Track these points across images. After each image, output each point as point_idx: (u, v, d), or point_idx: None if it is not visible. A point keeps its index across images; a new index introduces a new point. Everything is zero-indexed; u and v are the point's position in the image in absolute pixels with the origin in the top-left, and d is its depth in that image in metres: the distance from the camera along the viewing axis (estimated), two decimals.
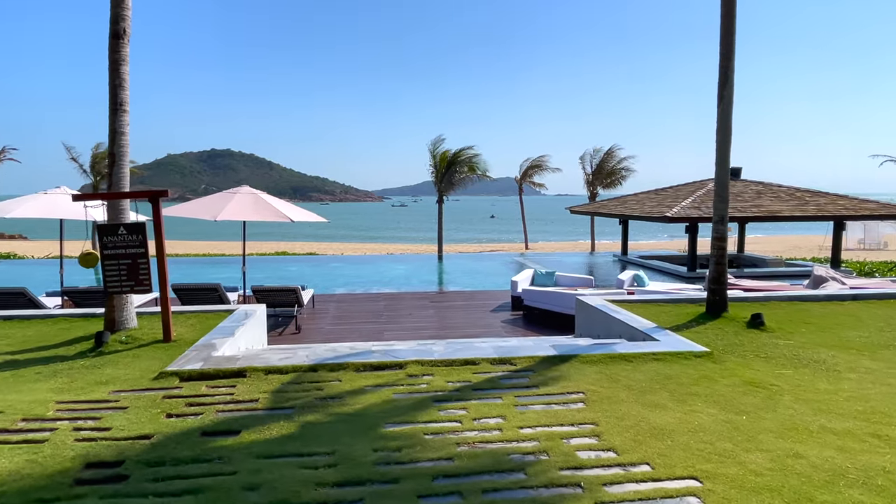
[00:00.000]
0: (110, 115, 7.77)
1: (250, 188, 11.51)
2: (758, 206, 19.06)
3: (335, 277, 19.80)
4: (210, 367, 6.22)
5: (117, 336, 7.56)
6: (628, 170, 38.45)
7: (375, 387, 5.75)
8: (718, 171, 8.92)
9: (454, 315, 12.82)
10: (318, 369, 6.22)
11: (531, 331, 11.33)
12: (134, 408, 5.28)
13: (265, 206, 10.85)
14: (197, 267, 23.11)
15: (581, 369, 6.20)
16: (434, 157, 30.55)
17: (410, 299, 14.89)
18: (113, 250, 7.45)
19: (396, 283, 18.29)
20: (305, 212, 11.80)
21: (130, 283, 7.52)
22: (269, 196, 11.45)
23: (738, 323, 8.43)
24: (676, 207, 18.45)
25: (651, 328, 7.90)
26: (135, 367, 6.56)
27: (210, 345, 7.15)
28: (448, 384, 5.79)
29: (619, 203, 23.68)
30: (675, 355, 6.68)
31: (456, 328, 11.54)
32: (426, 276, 20.82)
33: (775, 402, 5.33)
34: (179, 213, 11.05)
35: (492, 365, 6.38)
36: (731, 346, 7.28)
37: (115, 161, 7.75)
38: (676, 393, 5.53)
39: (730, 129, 8.79)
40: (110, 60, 7.78)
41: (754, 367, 6.38)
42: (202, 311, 9.33)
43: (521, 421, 4.84)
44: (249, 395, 5.55)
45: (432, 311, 13.26)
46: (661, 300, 10.04)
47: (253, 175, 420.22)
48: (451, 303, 14.38)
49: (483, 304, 14.01)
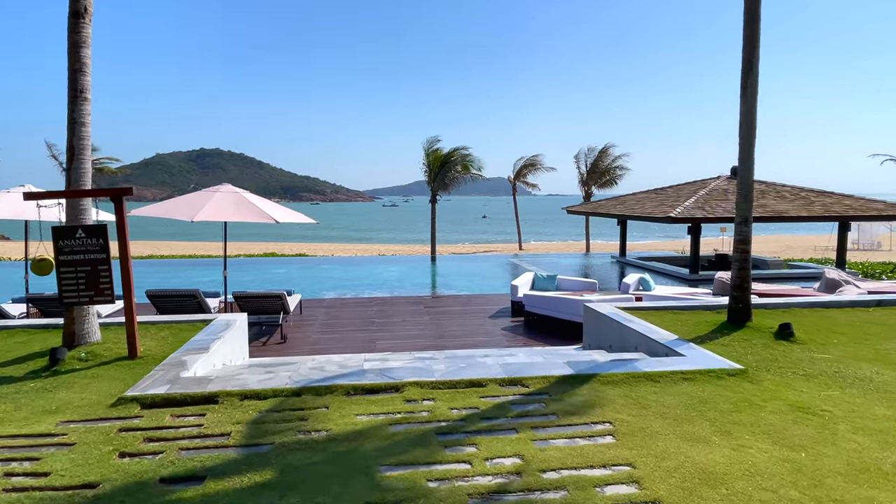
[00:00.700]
0: (69, 103, 6.91)
1: (232, 187, 10.66)
2: (763, 207, 18.42)
3: (324, 280, 18.97)
4: (177, 392, 5.40)
5: (76, 352, 6.71)
6: (623, 168, 37.93)
7: (369, 416, 4.95)
8: (742, 168, 8.21)
9: (451, 322, 12.04)
10: (301, 393, 5.41)
11: (534, 339, 10.57)
12: (82, 444, 4.45)
13: (248, 206, 10.02)
14: (179, 269, 22.16)
15: (603, 392, 5.44)
16: (428, 157, 29.78)
17: (404, 304, 14.10)
18: (70, 256, 6.59)
19: (389, 287, 17.49)
20: (291, 212, 10.98)
21: (90, 293, 6.66)
22: (252, 195, 10.62)
23: (765, 333, 7.71)
24: (679, 208, 17.78)
25: (672, 340, 7.16)
26: (92, 391, 5.72)
27: (180, 362, 6.32)
28: (452, 412, 5.01)
29: (618, 203, 23.00)
30: (706, 374, 5.93)
31: (454, 337, 10.76)
32: (419, 278, 20.02)
33: (832, 432, 4.59)
34: (154, 213, 10.19)
35: (501, 387, 5.59)
36: (763, 361, 6.54)
37: (75, 155, 6.90)
38: (718, 422, 4.78)
39: (754, 122, 8.08)
40: (69, 42, 6.93)
41: (797, 388, 5.65)
42: (177, 321, 8.48)
43: (542, 462, 4.06)
44: (220, 428, 4.74)
45: (427, 318, 12.46)
46: (675, 307, 9.31)
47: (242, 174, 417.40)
48: (446, 308, 13.60)
49: (481, 310, 13.24)
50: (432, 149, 29.60)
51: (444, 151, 29.49)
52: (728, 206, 18.25)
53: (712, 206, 18.15)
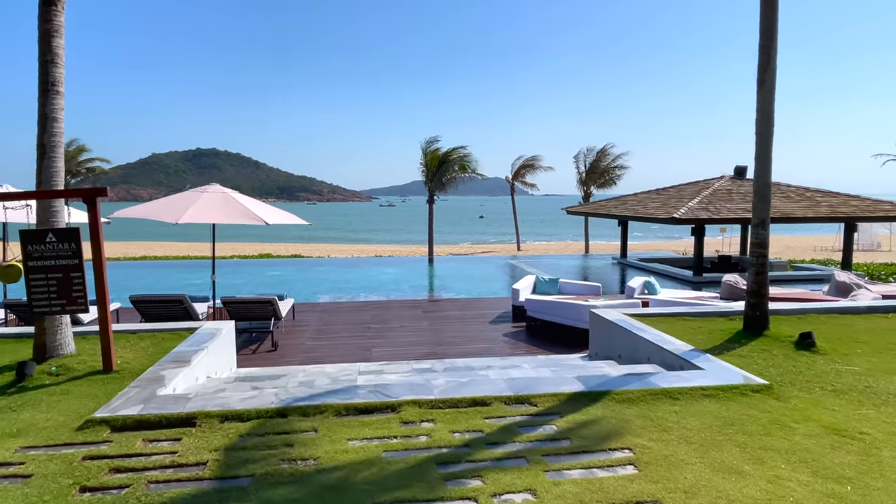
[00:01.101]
0: (40, 96, 6.41)
1: (220, 187, 10.16)
2: None
3: (319, 283, 18.48)
4: (151, 413, 4.91)
5: (46, 366, 6.22)
6: (622, 168, 37.52)
7: (361, 441, 4.48)
8: (759, 167, 7.75)
9: (450, 328, 11.56)
10: (288, 414, 4.93)
11: (537, 346, 10.10)
12: (40, 477, 3.97)
13: (236, 207, 9.53)
14: (172, 271, 21.64)
15: (619, 412, 4.97)
16: (426, 156, 29.29)
17: (401, 308, 13.61)
18: (40, 262, 6.10)
19: (385, 290, 17.01)
20: (282, 212, 10.48)
21: (61, 302, 6.17)
22: (241, 196, 10.13)
23: (784, 343, 7.25)
24: (684, 208, 17.34)
25: (687, 351, 6.70)
26: (59, 410, 5.23)
27: (158, 378, 5.83)
28: (454, 436, 4.53)
29: (619, 203, 22.55)
30: (729, 390, 5.47)
31: (453, 344, 10.28)
32: (417, 280, 19.55)
33: (877, 460, 4.13)
34: (138, 214, 9.70)
35: (507, 406, 5.12)
36: (787, 374, 6.09)
37: (46, 153, 6.40)
38: (748, 447, 4.31)
39: (772, 118, 7.63)
40: (41, 31, 6.43)
41: (828, 406, 5.19)
42: (159, 329, 7.99)
43: (557, 498, 3.59)
44: (196, 456, 4.25)
45: (426, 323, 11.98)
46: (686, 314, 8.86)
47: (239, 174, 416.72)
48: (445, 312, 13.12)
49: (481, 315, 12.76)
50: (430, 148, 29.12)
51: (442, 151, 29.01)
52: (733, 207, 17.83)
53: (717, 206, 17.72)
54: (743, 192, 19.29)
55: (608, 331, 8.32)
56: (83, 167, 31.79)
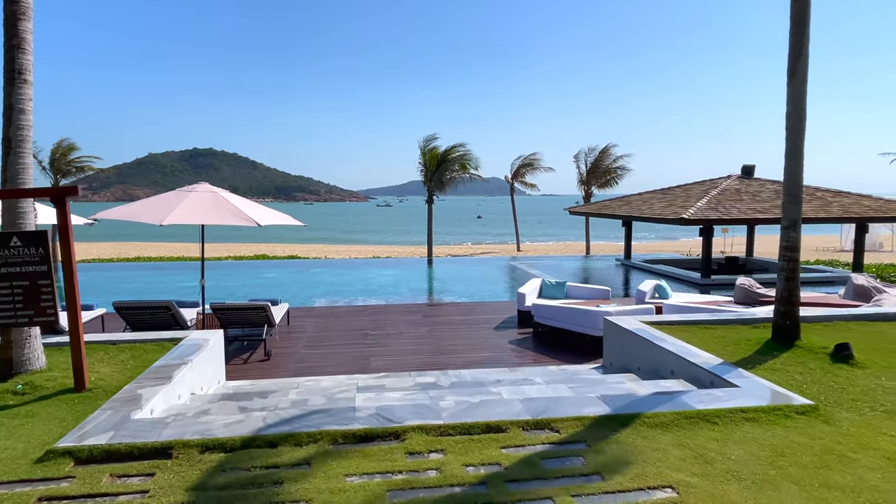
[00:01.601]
0: (5, 85, 5.81)
1: (209, 186, 9.56)
2: (779, 207, 17.44)
3: (316, 286, 17.88)
4: (122, 442, 4.32)
5: (12, 384, 5.62)
6: (624, 168, 36.95)
7: (361, 477, 3.89)
8: (790, 165, 7.21)
9: (453, 334, 10.98)
10: (278, 443, 4.34)
11: (546, 355, 9.53)
12: None
13: (226, 208, 8.93)
14: (164, 274, 21.01)
15: (653, 439, 4.40)
16: (424, 155, 28.71)
17: (400, 313, 13.03)
18: (4, 268, 5.50)
19: (383, 293, 16.42)
20: (275, 213, 9.88)
21: (28, 313, 5.57)
22: (231, 195, 9.53)
23: (819, 355, 6.69)
24: (692, 209, 16.79)
25: (716, 365, 6.13)
26: (21, 436, 4.64)
27: (134, 397, 5.24)
28: (468, 471, 3.95)
29: (624, 203, 21.99)
30: (771, 412, 4.90)
31: (457, 352, 9.71)
32: (416, 283, 18.96)
33: None
34: (120, 215, 9.08)
35: (525, 432, 4.54)
36: (830, 392, 5.52)
37: (12, 147, 5.80)
38: (807, 485, 3.75)
39: (804, 112, 7.07)
40: (6, 13, 5.83)
41: (885, 431, 4.62)
42: (141, 340, 7.39)
43: None
44: (169, 496, 3.67)
45: (426, 329, 11.40)
46: (706, 321, 8.30)
47: (235, 174, 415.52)
48: (447, 317, 12.54)
49: (484, 320, 12.19)
50: (429, 147, 28.54)
51: (441, 150, 28.42)
52: (743, 207, 17.29)
53: (726, 207, 17.18)
54: (752, 192, 18.76)
55: (625, 340, 7.76)
56: (73, 165, 31.11)
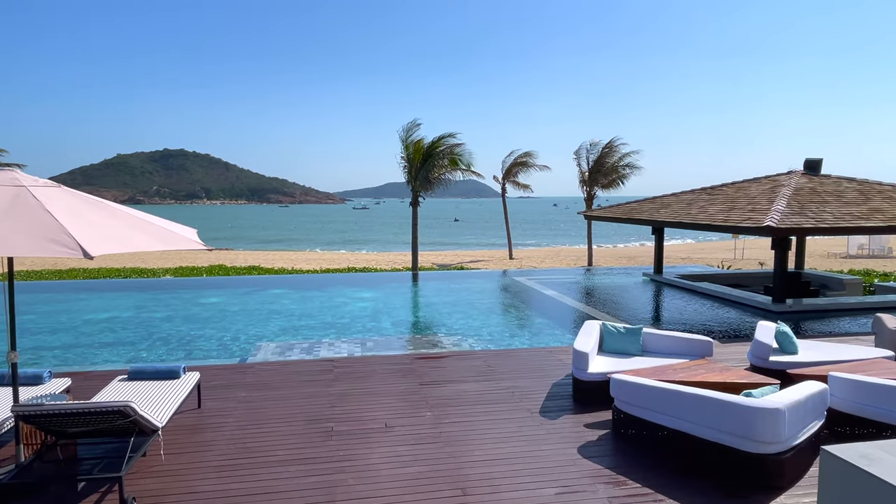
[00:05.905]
0: None
1: (17, 174, 4.92)
2: (878, 211, 13.34)
3: (268, 318, 13.23)
4: None
5: None
6: (632, 167, 32.86)
7: None
8: None
9: (469, 426, 6.50)
10: None
11: (648, 481, 5.06)
12: None
13: (26, 212, 4.33)
14: (82, 299, 15.98)
15: None
16: (407, 149, 24.15)
17: (384, 373, 8.51)
18: None
19: (358, 329, 11.91)
20: (148, 216, 5.16)
21: None
22: (58, 190, 4.91)
23: None
24: (774, 214, 12.53)
25: None
26: None
27: None
28: None
29: (660, 206, 17.71)
30: None
31: (485, 474, 5.21)
32: (401, 312, 14.45)
33: None
34: None
35: None
36: None
37: None
38: None
39: None
40: None
41: None
42: None
43: None
44: None
45: (427, 416, 6.89)
46: None
47: (208, 176, 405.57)
48: (454, 385, 8.03)
49: (514, 389, 7.72)
50: (412, 138, 23.98)
51: (428, 142, 23.91)
52: (834, 211, 13.12)
53: (814, 211, 13.00)
54: (832, 191, 14.64)
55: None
56: None
